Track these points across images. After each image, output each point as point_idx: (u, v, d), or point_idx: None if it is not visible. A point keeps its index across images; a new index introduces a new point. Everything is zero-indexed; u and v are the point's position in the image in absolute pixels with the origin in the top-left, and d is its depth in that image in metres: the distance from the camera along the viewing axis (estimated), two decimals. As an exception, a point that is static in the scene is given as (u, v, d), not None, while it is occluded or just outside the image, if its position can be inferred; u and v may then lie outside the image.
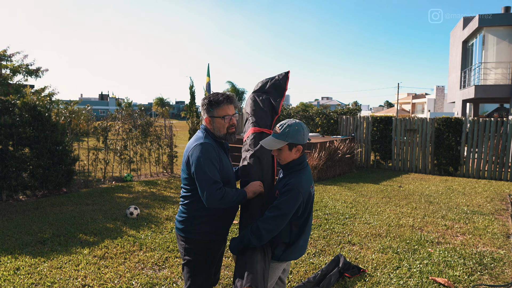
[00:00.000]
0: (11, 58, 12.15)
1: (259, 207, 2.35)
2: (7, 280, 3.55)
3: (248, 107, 2.78)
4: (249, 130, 2.66)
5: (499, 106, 17.92)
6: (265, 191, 2.41)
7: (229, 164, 2.38)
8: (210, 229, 2.26)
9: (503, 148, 10.03)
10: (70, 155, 7.42)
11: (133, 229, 5.07)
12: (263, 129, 2.63)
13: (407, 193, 7.72)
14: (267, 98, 2.79)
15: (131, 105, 10.81)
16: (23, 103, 6.78)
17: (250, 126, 2.68)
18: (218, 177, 2.13)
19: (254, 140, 2.59)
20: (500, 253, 4.42)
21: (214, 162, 2.15)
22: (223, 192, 2.11)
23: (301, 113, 14.29)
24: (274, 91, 2.84)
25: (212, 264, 2.30)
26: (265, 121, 2.67)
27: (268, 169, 2.54)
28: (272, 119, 2.76)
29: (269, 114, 2.75)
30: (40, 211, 5.96)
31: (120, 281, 3.56)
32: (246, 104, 2.82)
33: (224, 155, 2.32)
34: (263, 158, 2.50)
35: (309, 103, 56.05)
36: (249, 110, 2.76)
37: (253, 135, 2.63)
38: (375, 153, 11.95)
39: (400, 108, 58.04)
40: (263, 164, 2.49)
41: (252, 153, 2.51)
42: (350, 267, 3.82)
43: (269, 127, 2.70)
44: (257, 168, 2.47)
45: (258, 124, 2.64)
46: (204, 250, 2.26)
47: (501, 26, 14.78)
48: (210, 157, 2.13)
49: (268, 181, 2.51)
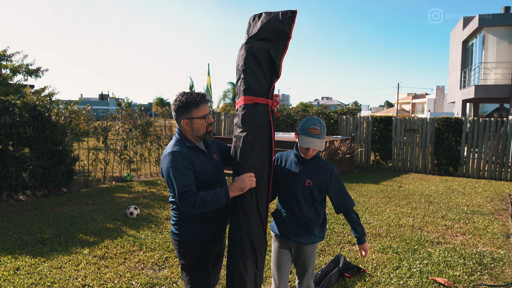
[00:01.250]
0: (11, 58, 12.15)
1: (254, 201, 2.14)
2: (7, 280, 3.55)
3: (241, 61, 2.23)
4: (241, 99, 2.22)
5: (499, 106, 17.92)
6: (261, 182, 2.18)
7: (210, 163, 2.21)
8: (202, 231, 2.18)
9: (503, 148, 10.03)
10: (70, 155, 7.42)
11: (133, 229, 5.07)
12: (258, 98, 2.19)
13: (407, 193, 7.72)
14: (266, 51, 2.20)
15: (131, 105, 10.81)
16: (23, 103, 6.78)
17: (242, 93, 2.21)
18: (188, 184, 2.01)
19: (246, 115, 2.17)
20: (500, 253, 4.42)
21: (183, 170, 2.04)
22: (194, 199, 1.98)
23: (301, 113, 14.28)
24: (275, 39, 2.23)
25: (207, 266, 2.24)
26: (261, 86, 2.20)
27: (265, 155, 2.21)
28: (271, 83, 2.23)
29: (268, 75, 2.22)
30: (40, 211, 5.96)
31: (120, 281, 3.56)
32: (238, 56, 2.28)
33: (202, 156, 2.18)
34: (258, 140, 2.17)
35: (309, 103, 56.04)
36: (240, 66, 2.22)
37: (244, 107, 2.19)
38: (375, 153, 11.95)
39: (400, 108, 58.05)
40: (256, 148, 2.16)
41: (245, 135, 2.16)
42: (350, 267, 3.82)
43: (266, 95, 2.22)
44: (248, 154, 2.15)
45: (252, 90, 2.18)
46: (198, 252, 2.20)
47: (501, 26, 14.78)
48: (178, 165, 2.04)
49: (265, 169, 2.20)
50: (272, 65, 2.21)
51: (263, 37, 2.20)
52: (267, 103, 2.22)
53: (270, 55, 2.20)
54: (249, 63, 2.19)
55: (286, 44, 2.24)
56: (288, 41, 2.23)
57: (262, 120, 2.18)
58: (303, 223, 2.38)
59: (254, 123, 2.16)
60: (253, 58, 2.18)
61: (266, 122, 2.20)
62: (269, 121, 2.21)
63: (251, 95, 2.17)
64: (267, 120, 2.20)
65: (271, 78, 2.23)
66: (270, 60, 2.21)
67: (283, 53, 2.24)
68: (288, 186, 2.39)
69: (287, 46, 2.24)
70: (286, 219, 2.41)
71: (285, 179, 2.41)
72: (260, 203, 2.17)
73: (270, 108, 2.23)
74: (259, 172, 2.16)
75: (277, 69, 2.20)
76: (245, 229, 2.11)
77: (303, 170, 2.38)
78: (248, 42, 2.23)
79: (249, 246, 2.12)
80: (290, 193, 2.39)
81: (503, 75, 14.87)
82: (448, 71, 21.63)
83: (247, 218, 2.11)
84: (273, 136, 2.24)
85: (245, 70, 2.19)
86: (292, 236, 2.41)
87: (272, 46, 2.21)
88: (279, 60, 2.21)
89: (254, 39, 2.22)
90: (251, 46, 2.20)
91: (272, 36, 2.21)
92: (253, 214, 2.13)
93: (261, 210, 2.17)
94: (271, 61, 2.21)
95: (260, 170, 2.17)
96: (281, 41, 2.23)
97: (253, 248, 2.13)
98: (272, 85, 2.22)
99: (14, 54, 12.18)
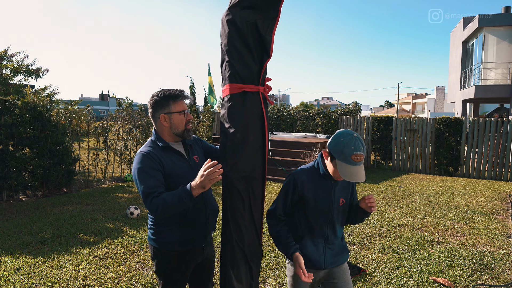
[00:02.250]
0: (12, 59, 12.17)
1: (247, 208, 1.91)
2: (8, 280, 3.56)
3: (224, 39, 1.85)
4: (226, 88, 1.88)
5: (499, 106, 17.92)
6: (255, 185, 1.94)
7: (186, 165, 2.04)
8: (180, 238, 2.01)
9: (503, 148, 10.03)
10: (71, 155, 7.42)
11: (134, 229, 5.07)
12: (246, 86, 1.84)
13: (407, 193, 7.72)
14: (252, 25, 1.79)
15: (132, 105, 10.83)
16: (24, 103, 6.78)
17: (227, 79, 1.86)
18: (153, 186, 1.87)
19: (232, 108, 1.85)
20: (500, 253, 4.42)
21: (149, 171, 1.90)
22: (157, 201, 1.81)
23: (302, 113, 14.29)
24: (264, 4, 1.80)
25: (184, 277, 2.09)
26: (250, 70, 1.84)
27: (258, 154, 1.93)
28: (262, 64, 1.85)
29: (257, 55, 1.84)
30: (40, 211, 5.96)
31: (120, 281, 3.56)
32: (220, 32, 1.89)
33: (176, 158, 2.03)
34: (248, 137, 1.88)
35: (309, 103, 56.08)
36: (224, 45, 1.85)
37: (230, 98, 1.85)
38: (375, 153, 11.95)
39: (400, 108, 58.05)
40: (247, 147, 1.88)
41: (233, 131, 1.85)
42: (350, 267, 3.82)
43: (256, 81, 1.85)
44: (238, 156, 1.87)
45: (239, 75, 1.82)
46: (174, 261, 2.04)
47: (501, 26, 14.79)
48: (144, 167, 1.92)
49: (258, 170, 1.93)
50: (262, 42, 1.82)
51: (248, 5, 1.79)
52: (258, 91, 1.87)
53: (258, 30, 1.80)
54: (234, 41, 1.80)
55: (277, 10, 1.82)
56: (280, 5, 1.82)
57: (252, 112, 1.87)
58: (338, 247, 2.09)
59: (243, 117, 1.84)
60: (238, 34, 1.80)
61: (258, 114, 1.89)
62: (262, 113, 1.90)
63: (238, 82, 1.82)
64: (258, 112, 1.89)
65: (262, 58, 1.85)
66: (258, 36, 1.81)
67: (274, 24, 1.83)
68: (324, 212, 2.02)
69: (279, 12, 1.83)
70: (320, 251, 2.04)
71: (321, 206, 2.01)
72: (254, 209, 1.94)
73: (262, 95, 1.91)
74: (251, 175, 1.90)
75: (268, 46, 1.82)
76: (236, 239, 1.90)
77: (335, 189, 2.02)
78: (231, 12, 1.82)
79: (240, 257, 1.93)
80: (324, 220, 2.02)
81: (503, 75, 14.87)
82: (448, 71, 21.65)
83: (238, 228, 1.90)
84: (267, 129, 1.94)
85: (230, 51, 1.82)
86: (329, 265, 2.05)
87: (260, 16, 1.80)
88: (270, 34, 1.82)
89: (237, 8, 1.81)
90: (234, 18, 1.80)
91: (260, 2, 1.80)
92: (245, 224, 1.90)
93: (255, 217, 1.96)
94: (260, 37, 1.81)
95: (252, 171, 1.90)
96: (271, 7, 1.82)
97: (246, 259, 1.94)
98: (263, 68, 1.85)
99: (14, 55, 12.21)
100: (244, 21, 1.79)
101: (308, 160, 8.95)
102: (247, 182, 1.89)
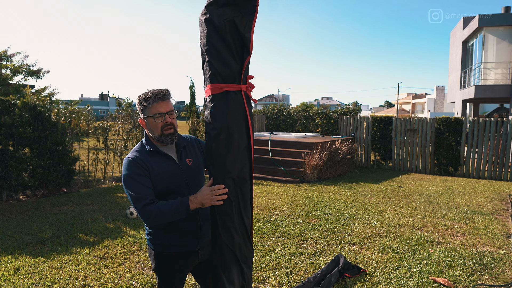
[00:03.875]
0: (12, 59, 12.17)
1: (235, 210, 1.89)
2: (7, 280, 3.56)
3: (203, 38, 1.83)
4: (207, 88, 1.85)
5: (499, 106, 17.93)
6: (243, 186, 1.90)
7: (176, 169, 2.01)
8: (170, 240, 2.02)
9: (503, 148, 10.03)
10: (70, 155, 7.42)
11: (133, 229, 5.07)
12: (227, 85, 1.81)
13: (407, 193, 7.72)
14: (230, 22, 1.78)
15: (131, 105, 10.81)
16: (23, 103, 6.78)
17: (208, 80, 1.84)
18: (143, 192, 1.88)
19: (215, 108, 1.82)
20: (500, 253, 4.42)
21: (136, 177, 1.90)
22: (151, 209, 1.83)
23: (301, 113, 14.29)
24: (241, 1, 1.80)
25: (178, 278, 2.11)
26: (230, 69, 1.81)
27: (243, 154, 1.88)
28: (243, 62, 1.83)
29: (237, 53, 1.82)
30: (40, 211, 5.96)
31: (120, 281, 3.56)
32: (199, 32, 1.88)
33: (165, 161, 2.00)
34: (233, 138, 1.84)
35: (309, 103, 56.10)
36: (203, 45, 1.84)
37: (212, 98, 1.83)
38: (375, 153, 11.96)
39: (400, 108, 58.06)
40: (233, 148, 1.84)
41: (216, 133, 1.82)
42: (350, 267, 3.82)
43: (237, 79, 1.83)
44: (223, 157, 1.83)
45: (220, 75, 1.80)
46: (168, 262, 2.06)
47: (501, 26, 14.79)
48: (131, 173, 1.91)
49: (245, 170, 1.90)
50: (241, 40, 1.80)
51: (225, 2, 1.78)
52: (240, 90, 1.84)
53: (237, 27, 1.78)
54: (212, 41, 1.78)
55: (255, 5, 1.79)
56: (257, 1, 1.80)
57: (235, 112, 1.84)
58: None
59: (226, 118, 1.81)
60: (216, 33, 1.78)
61: (241, 114, 1.86)
62: (245, 112, 1.87)
63: (219, 82, 1.80)
64: (241, 112, 1.86)
65: (242, 56, 1.82)
66: (237, 33, 1.79)
67: (252, 20, 1.80)
68: None
69: (256, 7, 1.80)
70: None
71: None
72: (243, 209, 1.92)
73: (245, 94, 1.88)
74: (238, 175, 1.87)
75: (248, 43, 1.80)
76: (225, 242, 1.88)
77: None
78: (208, 11, 1.79)
79: (231, 259, 1.91)
80: None
81: (503, 75, 14.87)
82: (448, 71, 21.65)
83: (227, 231, 1.88)
84: (251, 128, 1.90)
85: (209, 51, 1.79)
86: None
87: (239, 12, 1.78)
88: (249, 31, 1.80)
89: (215, 5, 1.79)
90: (211, 17, 1.77)
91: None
92: (234, 226, 1.88)
93: (244, 218, 1.93)
94: (239, 35, 1.79)
95: (240, 172, 1.88)
96: (248, 3, 1.79)
97: (237, 261, 1.93)
98: (244, 65, 1.82)
99: (14, 55, 12.19)
100: (222, 19, 1.77)
101: (309, 160, 8.96)
102: (235, 184, 1.87)
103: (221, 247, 1.90)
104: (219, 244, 1.90)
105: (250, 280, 2.03)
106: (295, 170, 9.09)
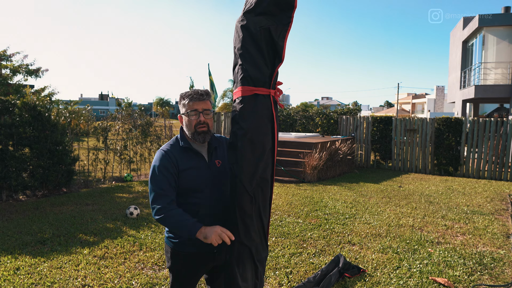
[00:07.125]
0: (11, 58, 12.16)
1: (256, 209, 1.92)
2: (7, 280, 3.55)
3: (237, 43, 1.92)
4: (238, 90, 1.91)
5: (499, 106, 17.92)
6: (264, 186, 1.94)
7: (205, 168, 2.05)
8: (187, 240, 2.05)
9: (503, 148, 10.03)
10: (70, 155, 7.42)
11: (133, 229, 5.07)
12: (258, 88, 1.88)
13: (407, 193, 7.72)
14: (266, 30, 1.86)
15: (131, 105, 10.82)
16: (23, 103, 6.78)
17: (239, 82, 1.90)
18: (165, 189, 1.93)
19: (244, 109, 1.88)
20: (500, 253, 4.42)
21: (165, 172, 1.94)
22: (163, 214, 1.89)
23: (301, 113, 14.28)
24: (277, 11, 1.87)
25: (192, 278, 2.14)
26: (262, 73, 1.88)
27: (268, 155, 1.93)
28: (274, 68, 1.91)
29: (269, 60, 1.90)
30: (40, 211, 5.96)
31: (120, 281, 3.56)
32: (234, 37, 1.97)
33: (194, 159, 2.04)
34: (259, 139, 1.89)
35: (309, 103, 56.11)
36: (237, 49, 1.93)
37: (242, 100, 1.89)
38: (375, 153, 11.96)
39: (400, 108, 58.06)
40: (258, 149, 1.89)
41: (243, 133, 1.88)
42: (350, 267, 3.82)
43: (267, 84, 1.90)
44: (248, 157, 1.88)
45: (251, 78, 1.87)
46: (183, 261, 2.10)
47: (501, 26, 14.78)
48: (161, 166, 1.96)
49: (268, 171, 1.94)
50: (274, 47, 1.89)
51: (262, 11, 1.85)
52: (269, 94, 1.92)
53: (271, 35, 1.86)
54: (247, 46, 1.87)
55: (290, 16, 1.88)
56: (292, 12, 1.87)
57: (263, 114, 1.91)
58: None
59: (254, 119, 1.88)
60: (252, 39, 1.86)
61: (268, 116, 1.93)
62: (272, 116, 1.94)
63: (250, 85, 1.88)
64: (269, 115, 1.93)
65: (274, 63, 1.90)
66: (271, 41, 1.87)
67: (287, 30, 1.89)
68: None
69: (291, 19, 1.88)
70: None
71: None
72: (262, 209, 1.96)
73: (273, 99, 1.95)
74: (261, 176, 1.92)
75: (280, 51, 1.88)
76: (243, 239, 1.92)
77: None
78: (245, 18, 1.88)
79: (247, 256, 1.95)
80: None
81: (503, 75, 14.87)
82: (448, 71, 21.65)
83: (246, 228, 1.92)
84: (276, 131, 1.98)
85: (243, 55, 1.88)
86: None
87: (273, 22, 1.87)
88: (282, 40, 1.88)
89: (252, 14, 1.87)
90: (248, 24, 1.86)
91: (273, 8, 1.86)
92: (252, 223, 1.93)
93: (263, 217, 1.97)
94: (273, 42, 1.88)
95: (263, 173, 1.92)
96: (284, 13, 1.88)
97: (252, 258, 1.97)
98: (275, 72, 1.91)
99: (14, 54, 12.19)
100: (258, 26, 1.85)
101: (309, 160, 8.96)
102: (257, 183, 1.92)
103: (238, 244, 1.93)
104: (236, 240, 1.92)
105: (262, 279, 2.06)
106: (295, 170, 9.09)
